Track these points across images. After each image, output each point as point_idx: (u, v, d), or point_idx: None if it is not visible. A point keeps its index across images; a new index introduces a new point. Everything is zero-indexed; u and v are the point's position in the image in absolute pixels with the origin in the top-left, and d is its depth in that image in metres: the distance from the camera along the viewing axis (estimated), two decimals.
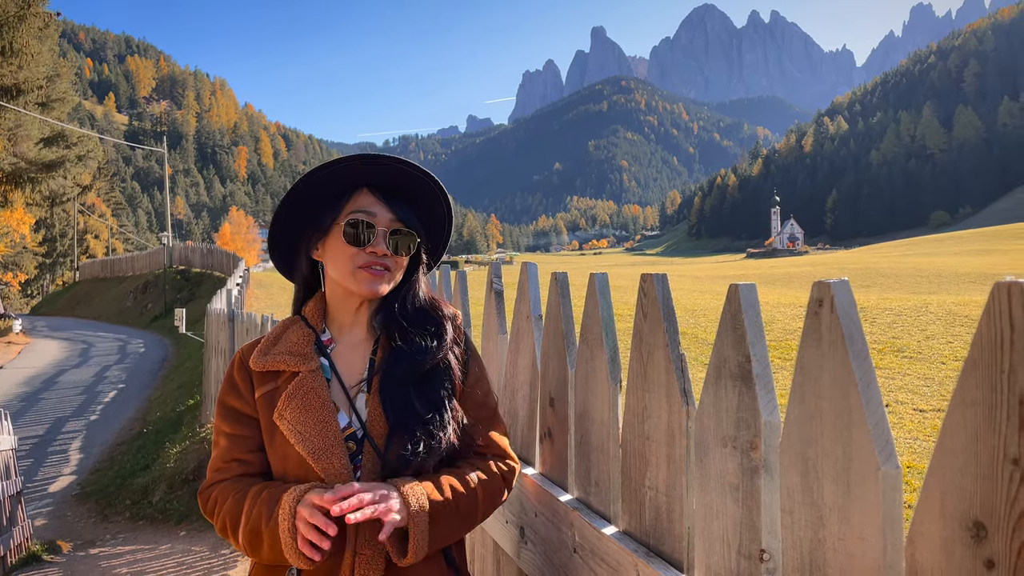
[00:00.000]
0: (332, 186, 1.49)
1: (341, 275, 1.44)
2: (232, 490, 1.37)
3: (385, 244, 1.43)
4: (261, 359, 1.44)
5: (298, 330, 1.49)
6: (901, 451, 5.29)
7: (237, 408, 1.44)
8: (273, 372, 1.43)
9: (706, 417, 1.06)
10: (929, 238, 66.29)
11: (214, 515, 1.39)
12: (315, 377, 1.41)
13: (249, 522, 1.30)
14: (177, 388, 13.93)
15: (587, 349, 1.46)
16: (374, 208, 1.45)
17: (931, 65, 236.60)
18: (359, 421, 1.39)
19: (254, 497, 1.33)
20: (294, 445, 1.34)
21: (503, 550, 1.80)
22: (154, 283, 32.63)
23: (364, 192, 1.48)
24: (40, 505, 8.20)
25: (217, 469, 1.43)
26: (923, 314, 10.80)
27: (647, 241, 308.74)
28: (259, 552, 1.30)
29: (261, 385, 1.43)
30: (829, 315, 0.83)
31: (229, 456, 1.42)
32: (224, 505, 1.36)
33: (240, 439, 1.42)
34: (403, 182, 1.50)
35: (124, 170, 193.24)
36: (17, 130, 22.26)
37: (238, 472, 1.41)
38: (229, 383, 1.48)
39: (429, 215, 1.57)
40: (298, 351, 1.44)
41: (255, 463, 1.42)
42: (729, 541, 1.02)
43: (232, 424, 1.44)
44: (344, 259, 1.43)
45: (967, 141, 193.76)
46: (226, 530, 1.36)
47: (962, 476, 0.68)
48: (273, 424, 1.38)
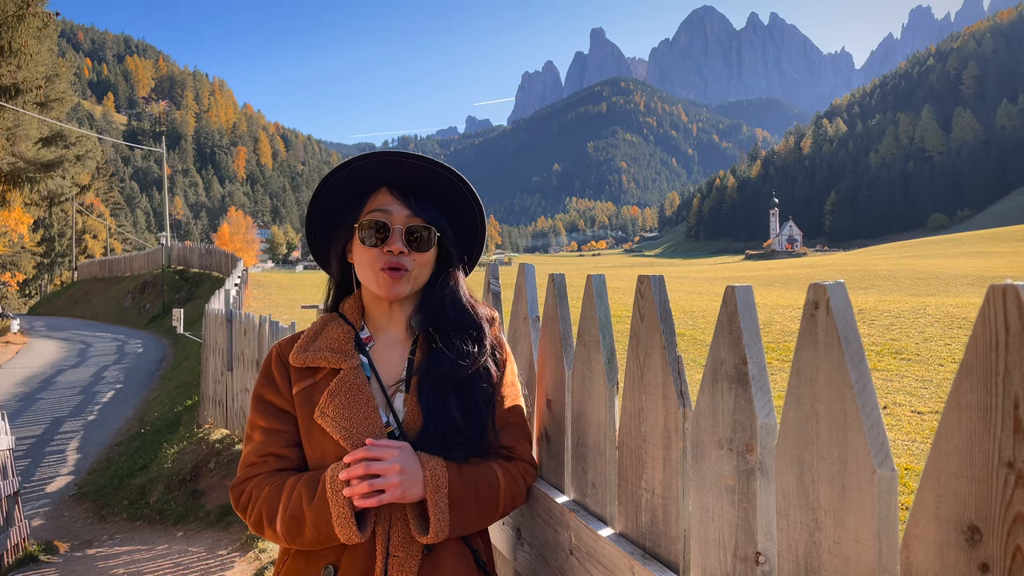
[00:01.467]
0: (353, 189, 1.49)
1: (364, 278, 1.45)
2: (268, 482, 1.36)
3: (401, 241, 1.42)
4: (301, 355, 1.44)
5: (337, 327, 1.48)
6: (899, 453, 5.29)
7: (274, 403, 1.44)
8: (311, 368, 1.43)
9: (702, 419, 1.06)
10: (928, 240, 66.35)
11: (248, 509, 1.37)
12: (357, 374, 1.41)
13: (289, 507, 1.30)
14: (175, 388, 13.91)
15: (584, 351, 1.46)
16: (390, 207, 1.44)
17: (930, 67, 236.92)
18: (396, 420, 1.39)
19: (293, 484, 1.33)
20: (338, 440, 1.34)
21: (499, 551, 1.80)
22: (152, 283, 32.61)
23: (383, 192, 1.47)
24: (37, 505, 8.19)
25: (251, 464, 1.41)
26: (921, 316, 10.81)
27: (646, 242, 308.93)
28: (300, 537, 1.29)
29: (299, 380, 1.43)
30: (825, 317, 0.83)
31: (265, 451, 1.41)
32: (260, 496, 1.35)
33: (277, 434, 1.42)
34: (425, 180, 1.49)
35: (123, 170, 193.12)
36: (16, 130, 22.24)
37: (274, 467, 1.40)
38: (266, 378, 1.47)
39: (457, 213, 1.55)
40: (339, 348, 1.44)
41: (292, 458, 1.41)
42: (725, 543, 1.02)
43: (269, 419, 1.43)
44: (365, 262, 1.44)
45: (966, 143, 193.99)
46: (261, 522, 1.34)
47: (957, 479, 0.68)
48: (311, 419, 1.38)
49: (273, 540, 1.36)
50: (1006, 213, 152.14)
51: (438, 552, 1.35)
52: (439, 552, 1.35)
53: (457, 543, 1.39)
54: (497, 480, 1.39)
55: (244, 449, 1.45)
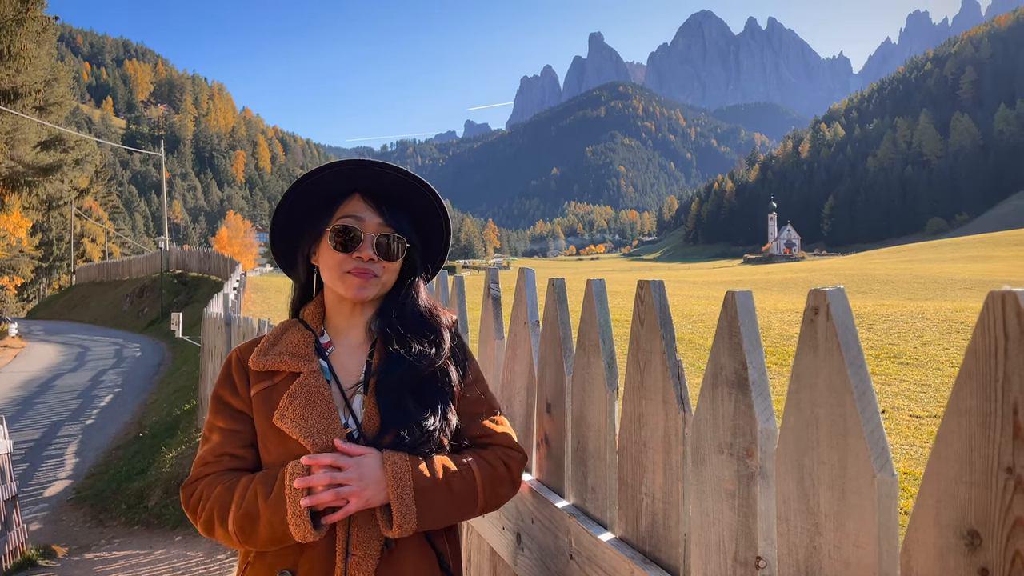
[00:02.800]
0: (325, 193, 1.51)
1: (331, 280, 1.47)
2: (221, 481, 1.36)
3: (372, 249, 1.44)
4: (261, 358, 1.45)
5: (298, 332, 1.50)
6: (898, 457, 5.29)
7: (232, 404, 1.45)
8: (270, 372, 1.44)
9: (702, 424, 1.07)
10: (926, 244, 66.44)
11: (198, 508, 1.36)
12: (316, 377, 1.42)
13: (243, 505, 1.30)
14: (173, 392, 13.89)
15: (584, 355, 1.46)
16: (363, 214, 1.46)
17: (928, 72, 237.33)
18: (355, 422, 1.40)
19: (247, 483, 1.33)
20: (298, 440, 1.34)
21: (500, 556, 1.80)
22: (151, 287, 32.58)
23: (355, 198, 1.49)
24: (35, 510, 8.17)
25: (205, 463, 1.41)
26: (919, 320, 10.82)
27: (644, 246, 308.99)
28: (253, 536, 1.29)
29: (257, 383, 1.44)
30: (825, 323, 0.83)
31: (221, 450, 1.41)
32: (211, 495, 1.34)
33: (234, 434, 1.42)
34: (396, 189, 1.51)
35: (121, 174, 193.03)
36: (14, 133, 22.24)
37: (229, 466, 1.40)
38: (226, 379, 1.48)
39: (425, 222, 1.57)
40: (299, 352, 1.45)
41: (247, 459, 1.41)
42: (725, 548, 1.02)
43: (226, 419, 1.43)
44: (333, 264, 1.45)
45: (963, 148, 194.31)
46: (212, 521, 1.33)
47: (957, 484, 0.68)
48: (268, 422, 1.38)
49: (225, 541, 1.35)
50: (1004, 217, 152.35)
51: (399, 552, 1.34)
52: (399, 552, 1.35)
53: (420, 543, 1.38)
54: (471, 469, 1.38)
55: (200, 449, 1.45)
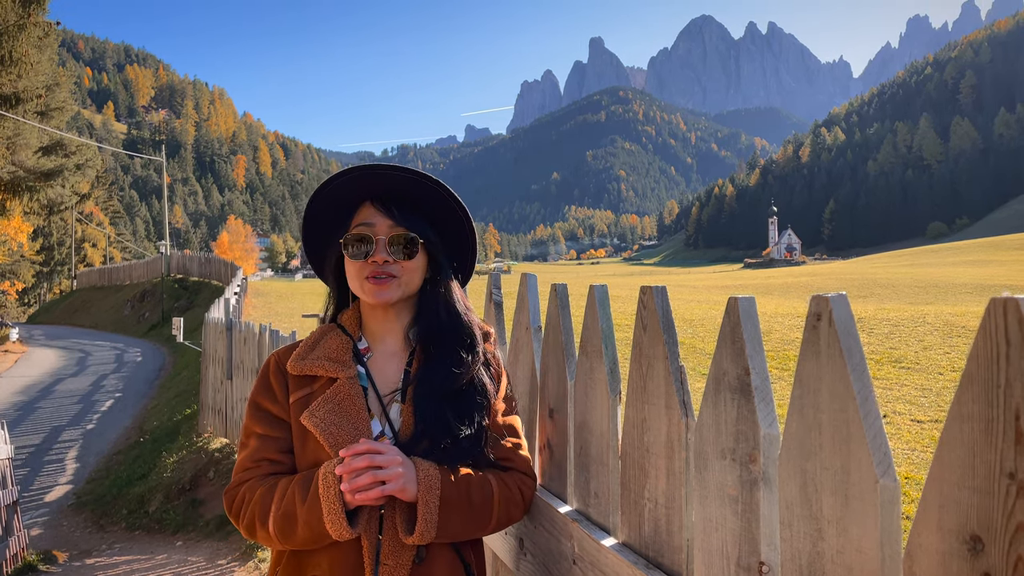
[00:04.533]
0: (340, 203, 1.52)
1: (355, 288, 1.49)
2: (261, 485, 1.38)
3: (386, 251, 1.45)
4: (299, 363, 1.46)
5: (336, 337, 1.50)
6: (899, 462, 5.29)
7: (271, 410, 1.46)
8: (309, 377, 1.45)
9: (705, 429, 1.07)
10: (927, 248, 66.45)
11: (241, 513, 1.38)
12: (352, 384, 1.43)
13: (282, 506, 1.31)
14: (174, 397, 13.88)
15: (587, 361, 1.46)
16: (374, 219, 1.47)
17: (928, 76, 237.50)
18: (391, 430, 1.41)
19: (286, 484, 1.34)
20: (324, 445, 1.35)
21: (502, 561, 1.80)
22: (152, 292, 32.59)
23: (367, 206, 1.50)
24: (36, 515, 8.17)
25: (245, 469, 1.43)
26: (920, 325, 10.82)
27: (645, 251, 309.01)
28: (292, 536, 1.31)
29: (296, 390, 1.45)
30: (827, 329, 0.83)
31: (259, 456, 1.42)
32: (253, 498, 1.36)
33: (271, 440, 1.43)
34: (408, 191, 1.51)
35: (122, 179, 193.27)
36: (16, 139, 22.27)
37: (267, 471, 1.42)
38: (263, 385, 1.49)
39: (444, 220, 1.57)
40: (336, 357, 1.46)
41: (285, 463, 1.43)
42: (728, 553, 1.02)
43: (264, 425, 1.44)
44: (353, 273, 1.47)
45: (964, 152, 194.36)
46: (254, 524, 1.35)
47: (959, 489, 0.68)
48: (304, 428, 1.39)
49: (266, 542, 1.37)
50: (1004, 222, 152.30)
51: (429, 563, 1.36)
52: (430, 563, 1.36)
53: (449, 554, 1.40)
54: (491, 488, 1.40)
55: (239, 455, 1.47)
